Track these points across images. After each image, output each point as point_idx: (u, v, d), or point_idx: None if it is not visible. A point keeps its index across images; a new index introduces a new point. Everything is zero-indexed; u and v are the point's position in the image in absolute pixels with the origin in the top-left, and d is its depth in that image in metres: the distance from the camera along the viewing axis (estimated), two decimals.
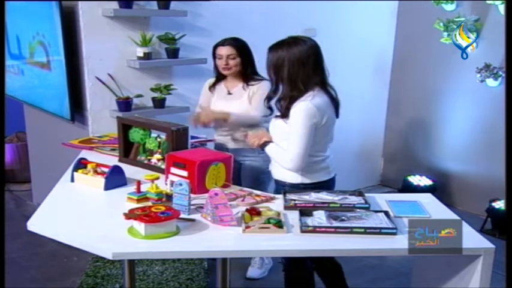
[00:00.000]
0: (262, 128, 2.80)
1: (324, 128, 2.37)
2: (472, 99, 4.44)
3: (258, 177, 3.02)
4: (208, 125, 2.97)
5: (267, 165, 3.05)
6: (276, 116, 2.46)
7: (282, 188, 2.44)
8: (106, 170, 2.35)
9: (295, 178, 2.42)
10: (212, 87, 3.12)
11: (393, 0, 4.86)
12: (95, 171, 2.35)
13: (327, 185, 2.47)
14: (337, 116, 2.46)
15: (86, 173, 2.36)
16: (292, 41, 2.36)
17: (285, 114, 2.36)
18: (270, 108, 2.52)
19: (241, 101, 2.97)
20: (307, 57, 2.33)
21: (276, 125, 2.45)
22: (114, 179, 2.32)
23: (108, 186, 2.29)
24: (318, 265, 2.64)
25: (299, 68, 2.32)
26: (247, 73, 3.00)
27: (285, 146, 2.37)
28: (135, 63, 3.43)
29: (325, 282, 2.71)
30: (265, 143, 2.47)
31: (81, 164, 2.41)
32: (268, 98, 2.47)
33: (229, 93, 3.03)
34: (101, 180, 2.30)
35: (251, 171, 3.03)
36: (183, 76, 3.70)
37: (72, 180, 2.38)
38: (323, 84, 2.39)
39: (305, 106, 2.29)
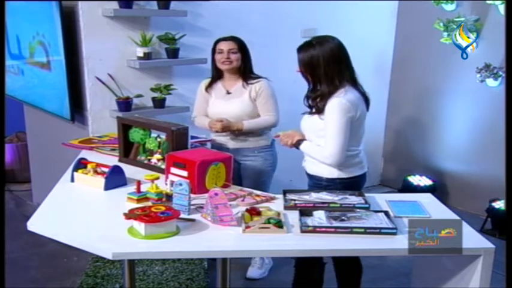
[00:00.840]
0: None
1: (358, 122, 2.42)
2: (472, 99, 4.44)
3: (258, 177, 3.02)
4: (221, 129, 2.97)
5: (267, 165, 3.06)
6: (310, 113, 2.48)
7: (319, 183, 2.48)
8: (106, 170, 2.35)
9: (332, 173, 2.46)
10: (209, 87, 3.10)
11: (393, 0, 4.86)
12: (95, 171, 2.35)
13: (361, 180, 2.54)
14: (367, 109, 2.53)
15: (86, 173, 2.36)
16: (322, 40, 2.43)
17: (320, 111, 2.40)
18: (310, 106, 2.51)
19: (242, 99, 2.97)
20: (339, 54, 2.42)
21: (310, 122, 2.48)
22: (114, 179, 2.32)
23: (108, 186, 2.29)
24: (338, 259, 2.66)
25: (334, 65, 2.39)
26: (245, 71, 3.01)
27: (321, 143, 2.41)
28: (135, 63, 3.43)
29: (339, 278, 2.72)
30: (299, 142, 2.51)
31: (81, 164, 2.41)
32: (308, 97, 2.50)
33: (229, 93, 3.03)
34: (100, 180, 2.30)
35: (252, 171, 3.03)
36: (183, 76, 3.70)
37: (72, 180, 2.38)
38: (353, 80, 2.47)
39: (339, 102, 2.35)
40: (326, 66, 2.38)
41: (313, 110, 2.45)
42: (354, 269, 2.68)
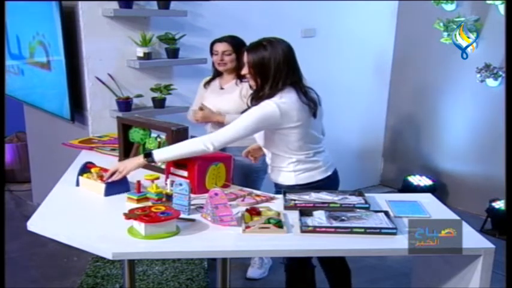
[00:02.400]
0: None
1: (298, 128, 2.30)
2: (472, 99, 4.44)
3: (248, 176, 3.02)
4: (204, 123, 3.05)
5: (256, 164, 3.06)
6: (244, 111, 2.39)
7: (280, 191, 2.42)
8: None
9: (289, 180, 2.41)
10: (207, 84, 3.17)
11: (393, 0, 4.86)
12: (99, 176, 2.28)
13: (326, 183, 2.43)
14: (314, 116, 2.37)
15: (90, 178, 2.30)
16: (272, 41, 2.35)
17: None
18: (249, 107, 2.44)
19: (233, 95, 3.00)
20: (290, 57, 2.34)
21: None
22: (115, 185, 2.24)
23: (108, 192, 2.22)
24: (326, 263, 2.65)
25: (283, 67, 2.30)
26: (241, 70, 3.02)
27: (274, 150, 2.38)
28: (135, 63, 3.43)
29: (330, 282, 2.71)
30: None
31: (87, 168, 2.35)
32: (252, 99, 2.39)
33: (222, 88, 3.08)
34: (101, 186, 2.23)
35: (241, 170, 3.03)
36: (183, 76, 3.70)
37: (78, 184, 2.34)
38: (298, 84, 2.35)
39: (269, 106, 2.25)
40: (276, 68, 2.29)
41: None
42: (341, 271, 2.66)
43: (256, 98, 2.34)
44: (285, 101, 2.27)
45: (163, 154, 2.29)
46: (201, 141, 2.25)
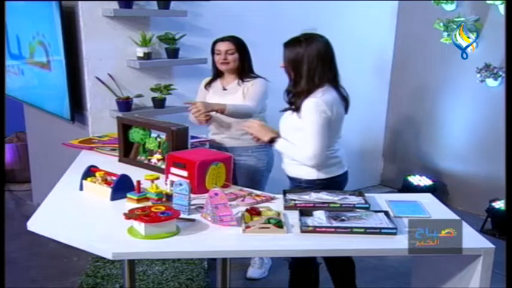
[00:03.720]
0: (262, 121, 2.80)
1: (334, 123, 2.41)
2: (472, 99, 4.44)
3: (253, 176, 3.03)
4: (205, 121, 2.96)
5: (261, 164, 3.07)
6: (286, 110, 2.49)
7: (299, 185, 2.48)
8: (115, 179, 2.24)
9: (311, 174, 2.45)
10: (208, 85, 3.15)
11: (393, 0, 4.86)
12: (104, 180, 2.26)
13: (341, 180, 2.54)
14: (346, 112, 2.53)
15: (94, 182, 2.27)
16: (309, 38, 2.42)
17: (297, 109, 2.40)
18: (290, 102, 2.51)
19: (236, 96, 2.99)
20: (325, 54, 2.40)
21: (288, 120, 2.48)
22: (121, 190, 2.19)
23: (114, 197, 2.18)
24: (328, 261, 2.67)
25: (318, 65, 2.38)
26: (243, 70, 3.03)
27: (295, 141, 2.41)
28: (135, 63, 3.43)
29: (333, 280, 2.72)
30: (273, 139, 2.49)
31: (91, 172, 2.32)
32: (288, 92, 2.50)
33: (224, 89, 3.07)
34: (107, 190, 2.20)
35: (246, 170, 3.04)
36: (183, 76, 3.70)
37: (81, 188, 2.31)
38: (335, 81, 2.46)
39: (315, 102, 2.34)
40: (310, 65, 2.37)
41: (292, 107, 2.45)
42: (346, 268, 2.68)
43: (294, 93, 2.43)
44: (328, 97, 2.37)
45: (280, 147, 2.47)
46: (306, 156, 2.37)
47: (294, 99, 2.43)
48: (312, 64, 2.37)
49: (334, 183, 2.47)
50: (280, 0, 4.09)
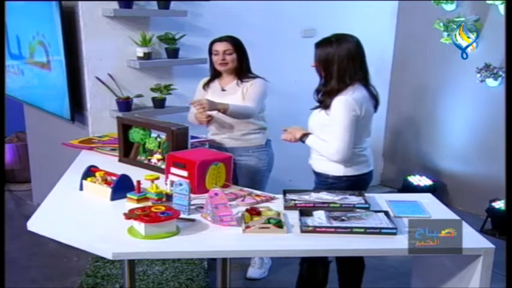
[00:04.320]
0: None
1: (363, 120, 2.45)
2: (472, 99, 4.44)
3: (254, 176, 3.03)
4: (206, 122, 2.96)
5: (262, 164, 3.07)
6: (317, 107, 2.52)
7: (325, 180, 2.51)
8: (115, 178, 2.25)
9: (338, 171, 2.49)
10: (206, 85, 3.14)
11: (393, 0, 4.86)
12: (104, 180, 2.26)
13: (367, 178, 2.57)
14: (375, 110, 2.57)
15: (94, 182, 2.27)
16: (340, 38, 2.46)
17: (327, 107, 2.44)
18: (319, 101, 2.54)
19: (235, 96, 2.98)
20: (355, 54, 2.44)
21: (317, 117, 2.52)
22: (121, 190, 2.19)
23: (114, 197, 2.19)
24: (339, 260, 2.68)
25: (348, 65, 2.42)
26: (242, 70, 3.02)
27: (325, 137, 2.44)
28: (135, 63, 3.43)
29: (340, 279, 2.73)
30: (304, 136, 2.54)
31: (91, 172, 2.32)
32: (318, 91, 2.54)
33: (223, 90, 3.05)
34: (107, 190, 2.20)
35: (247, 170, 3.04)
36: (183, 76, 3.70)
37: (81, 188, 2.31)
38: (365, 80, 2.50)
39: (345, 99, 2.38)
40: (340, 65, 2.42)
41: (321, 105, 2.49)
42: (356, 268, 2.69)
43: (324, 91, 2.46)
44: (358, 95, 2.41)
45: (310, 141, 2.51)
46: (331, 151, 2.42)
47: (324, 98, 2.47)
48: (342, 64, 2.41)
49: (360, 181, 2.51)
50: (280, 0, 4.09)
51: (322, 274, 2.63)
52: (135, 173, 2.36)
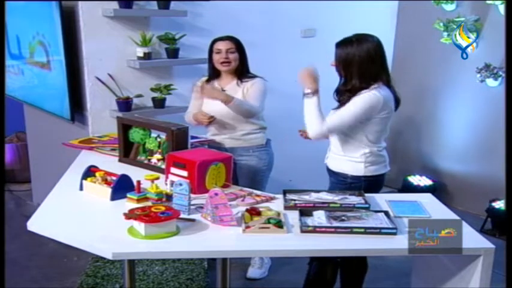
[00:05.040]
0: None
1: (385, 119, 2.47)
2: (472, 99, 4.44)
3: (254, 176, 3.03)
4: (207, 123, 2.96)
5: (262, 164, 3.06)
6: (337, 108, 2.50)
7: (344, 180, 2.50)
8: (115, 178, 2.25)
9: (358, 170, 2.48)
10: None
11: (393, 0, 4.86)
12: (104, 180, 2.26)
13: (383, 179, 2.57)
14: (395, 110, 2.59)
15: (94, 182, 2.27)
16: (360, 38, 2.47)
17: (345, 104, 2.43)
18: (339, 100, 2.54)
19: (236, 96, 2.98)
20: (375, 54, 2.44)
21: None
22: (121, 190, 2.19)
23: (114, 197, 2.19)
24: (343, 259, 2.68)
25: (368, 65, 2.42)
26: (242, 70, 3.02)
27: (342, 137, 2.46)
28: (135, 63, 3.43)
29: (342, 278, 2.74)
30: (312, 92, 2.42)
31: (91, 172, 2.32)
32: (338, 91, 2.54)
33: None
34: (107, 190, 2.20)
35: (247, 170, 3.04)
36: (183, 76, 3.70)
37: (81, 188, 2.30)
38: (387, 81, 2.49)
39: (373, 94, 2.38)
40: (360, 65, 2.41)
41: (341, 105, 2.47)
42: (360, 269, 2.69)
43: (345, 90, 2.45)
44: (384, 92, 2.41)
45: (309, 103, 2.43)
46: (316, 126, 2.40)
47: (344, 97, 2.46)
48: (362, 64, 2.41)
49: (378, 182, 2.52)
50: (280, 0, 4.09)
51: (331, 273, 2.63)
52: (135, 173, 2.36)
